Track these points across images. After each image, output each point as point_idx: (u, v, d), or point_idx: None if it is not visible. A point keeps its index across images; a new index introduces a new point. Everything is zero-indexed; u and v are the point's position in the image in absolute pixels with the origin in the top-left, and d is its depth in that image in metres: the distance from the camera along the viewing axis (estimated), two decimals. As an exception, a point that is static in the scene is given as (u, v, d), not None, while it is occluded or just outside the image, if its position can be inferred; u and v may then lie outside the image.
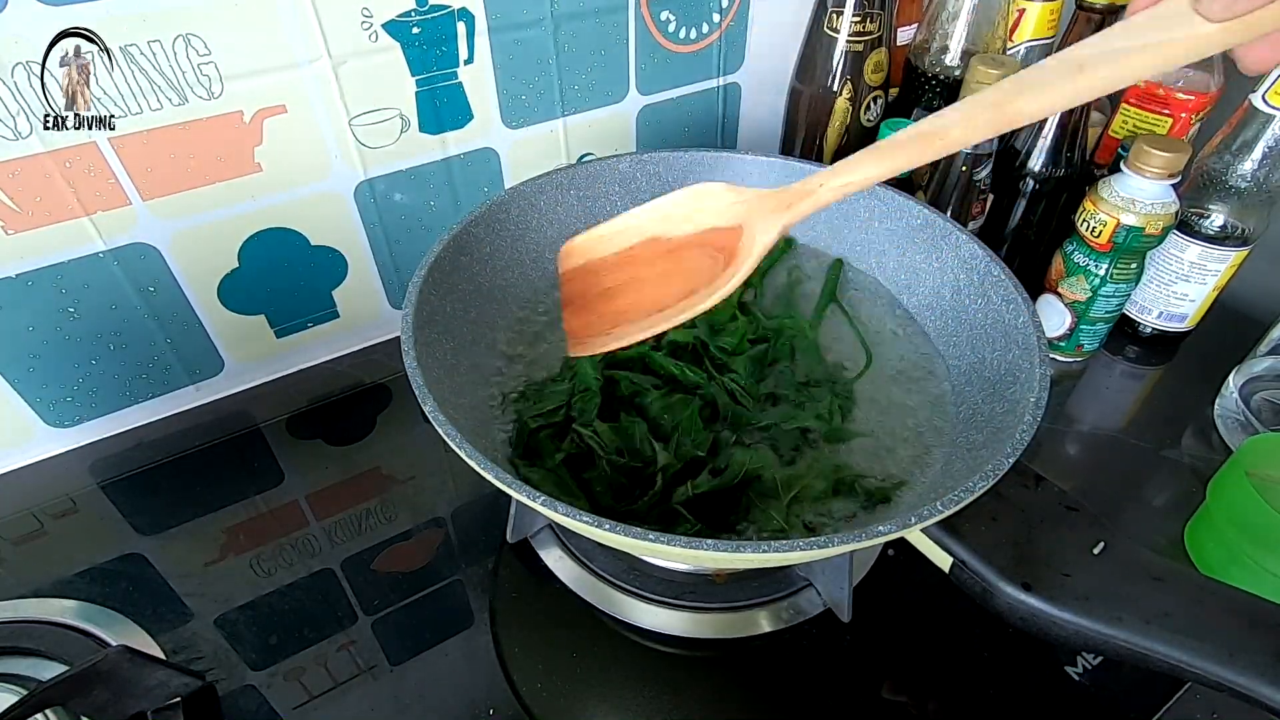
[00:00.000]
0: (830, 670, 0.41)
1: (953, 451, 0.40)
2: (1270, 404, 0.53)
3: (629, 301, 0.36)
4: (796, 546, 0.29)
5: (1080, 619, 0.32)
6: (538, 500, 0.30)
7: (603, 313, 0.37)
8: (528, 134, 0.58)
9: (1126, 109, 0.58)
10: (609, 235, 0.38)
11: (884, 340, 0.48)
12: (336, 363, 0.60)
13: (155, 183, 0.46)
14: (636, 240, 0.37)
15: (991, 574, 0.33)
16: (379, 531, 0.48)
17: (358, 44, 0.48)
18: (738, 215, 0.35)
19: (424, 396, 0.34)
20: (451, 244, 0.44)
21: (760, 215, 0.34)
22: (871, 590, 0.43)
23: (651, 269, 0.37)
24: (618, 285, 0.37)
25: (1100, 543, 0.34)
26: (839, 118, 0.61)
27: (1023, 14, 0.59)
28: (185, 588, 0.45)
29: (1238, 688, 0.29)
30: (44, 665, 0.39)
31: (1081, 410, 0.57)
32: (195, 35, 0.42)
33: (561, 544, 0.46)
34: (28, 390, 0.49)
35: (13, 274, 0.44)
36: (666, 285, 0.36)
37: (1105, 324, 0.57)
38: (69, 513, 0.49)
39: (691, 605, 0.43)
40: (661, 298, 0.35)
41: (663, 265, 0.36)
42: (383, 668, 0.41)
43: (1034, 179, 0.57)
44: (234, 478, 0.51)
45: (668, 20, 0.60)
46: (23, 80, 0.40)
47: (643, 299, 0.36)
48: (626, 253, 0.37)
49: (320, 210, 0.53)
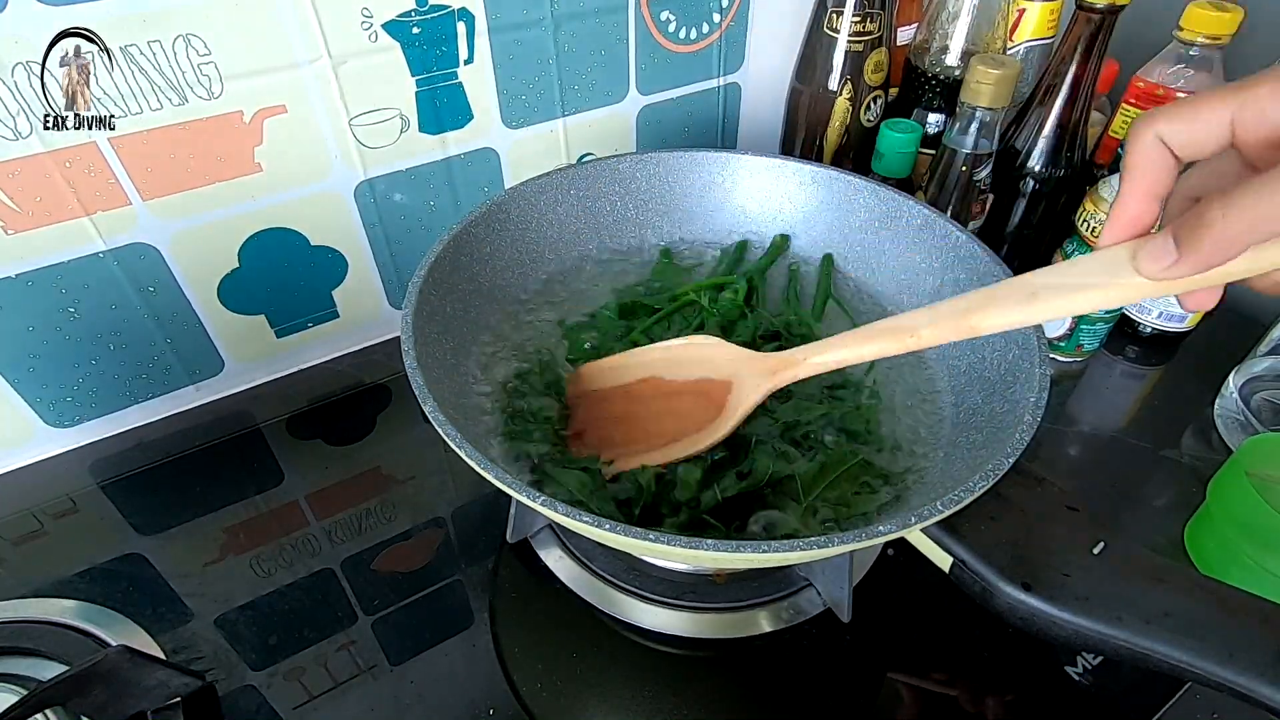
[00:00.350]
0: (830, 670, 0.41)
1: (953, 451, 0.40)
2: (1270, 404, 0.53)
3: (630, 433, 0.41)
4: (796, 546, 0.29)
5: (1080, 619, 0.32)
6: (538, 500, 0.30)
7: (610, 437, 0.41)
8: (528, 134, 0.58)
9: (1126, 109, 0.58)
10: (616, 368, 0.43)
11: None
12: (336, 363, 0.60)
13: (155, 183, 0.46)
14: (638, 377, 0.42)
15: (991, 574, 0.33)
16: (379, 531, 0.47)
17: (358, 44, 0.48)
18: (729, 372, 0.40)
19: (424, 396, 0.34)
20: (451, 244, 0.44)
21: (749, 377, 0.39)
22: (871, 590, 0.43)
23: (648, 407, 0.41)
24: (620, 415, 0.42)
25: (1100, 543, 0.34)
26: (839, 118, 0.61)
27: (1023, 14, 0.59)
28: (185, 588, 0.45)
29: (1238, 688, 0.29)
30: (44, 665, 0.39)
31: (1081, 410, 0.57)
32: (195, 35, 0.42)
33: (561, 544, 0.46)
34: (28, 390, 0.49)
35: (13, 274, 0.44)
36: (660, 423, 0.40)
37: (1105, 324, 0.57)
38: (69, 513, 0.49)
39: (691, 605, 0.43)
40: (657, 434, 0.40)
41: (659, 405, 0.41)
42: (383, 668, 0.41)
43: (1034, 179, 0.57)
44: (234, 478, 0.51)
45: (668, 20, 0.60)
46: (23, 80, 0.40)
47: (641, 432, 0.40)
48: (627, 388, 0.42)
49: (320, 210, 0.53)
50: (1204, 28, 0.51)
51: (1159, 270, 0.26)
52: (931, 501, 0.31)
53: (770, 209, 0.54)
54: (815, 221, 0.53)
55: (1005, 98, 0.49)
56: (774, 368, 0.38)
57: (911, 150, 0.55)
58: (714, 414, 0.39)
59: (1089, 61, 0.52)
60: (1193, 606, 0.31)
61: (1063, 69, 0.53)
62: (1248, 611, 0.31)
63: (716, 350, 0.41)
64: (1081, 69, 0.52)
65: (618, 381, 0.43)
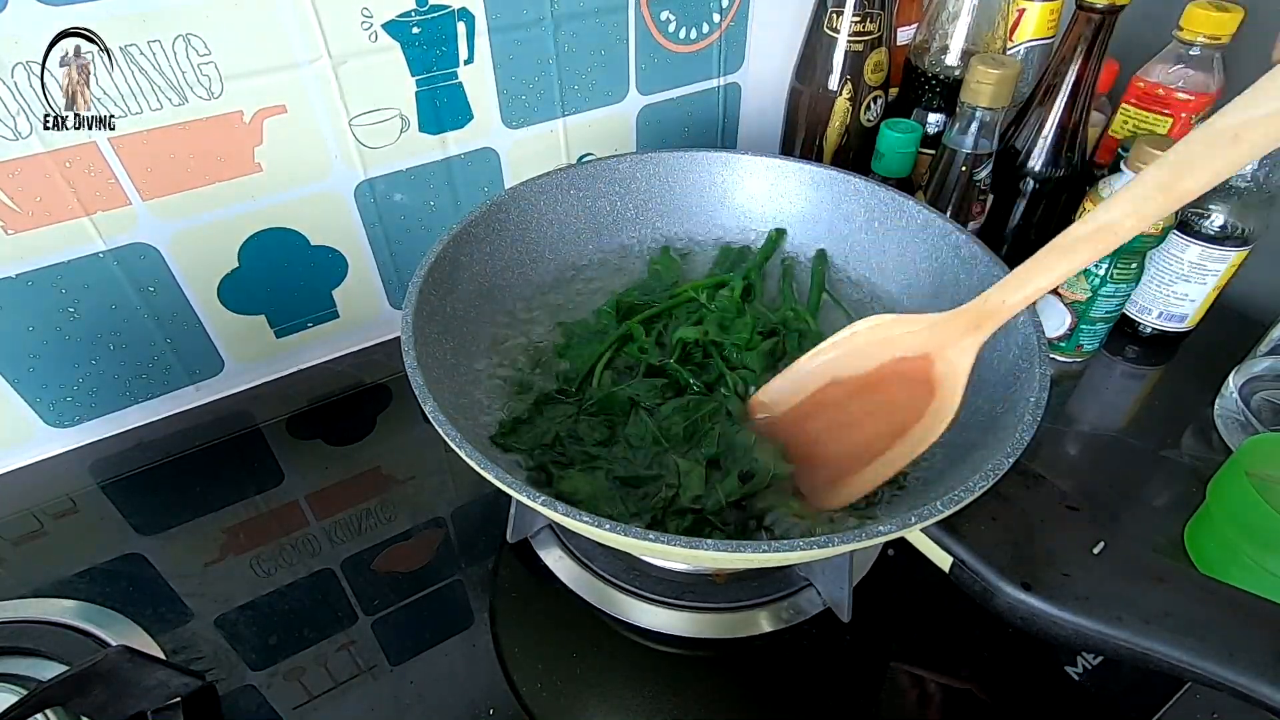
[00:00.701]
0: (830, 670, 0.41)
1: (953, 451, 0.40)
2: (1270, 404, 0.53)
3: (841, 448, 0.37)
4: (796, 546, 0.29)
5: (1080, 619, 0.32)
6: (538, 500, 0.30)
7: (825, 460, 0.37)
8: (528, 134, 0.58)
9: (1126, 109, 0.58)
10: (789, 384, 0.39)
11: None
12: (336, 363, 0.60)
13: (155, 183, 0.46)
14: (818, 385, 0.39)
15: (991, 574, 0.33)
16: (379, 531, 0.47)
17: (358, 44, 0.48)
18: (920, 344, 0.36)
19: (424, 396, 0.34)
20: (451, 244, 0.44)
21: (950, 341, 0.35)
22: (871, 590, 0.43)
23: (846, 411, 0.37)
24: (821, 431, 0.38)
25: (1100, 543, 0.34)
26: (839, 118, 0.61)
27: (1023, 14, 0.59)
28: (185, 588, 0.45)
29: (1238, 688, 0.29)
30: (44, 665, 0.39)
31: (1081, 410, 0.57)
32: (195, 35, 0.42)
33: (561, 544, 0.46)
34: (28, 390, 0.49)
35: (13, 274, 0.44)
36: (872, 424, 0.37)
37: (1105, 324, 0.57)
38: (69, 513, 0.49)
39: (691, 605, 0.43)
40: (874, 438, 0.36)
41: (857, 405, 0.37)
42: (383, 668, 0.41)
43: (1034, 179, 0.57)
44: (234, 478, 0.51)
45: (668, 20, 0.60)
46: (23, 80, 0.40)
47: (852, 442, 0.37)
48: (812, 399, 0.39)
49: (320, 210, 0.53)
50: (1204, 28, 0.51)
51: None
52: (931, 501, 0.31)
53: (770, 209, 0.54)
54: (815, 221, 0.53)
55: (1005, 98, 0.49)
56: (975, 321, 0.34)
57: (911, 150, 0.55)
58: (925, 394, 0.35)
59: (1089, 61, 0.52)
60: (1193, 606, 0.31)
61: (1063, 69, 0.53)
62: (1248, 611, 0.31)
63: (889, 327, 0.37)
64: (1081, 69, 0.52)
65: (800, 397, 0.39)
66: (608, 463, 0.40)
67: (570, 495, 0.38)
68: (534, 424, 0.41)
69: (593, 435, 0.41)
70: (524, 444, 0.40)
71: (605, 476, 0.39)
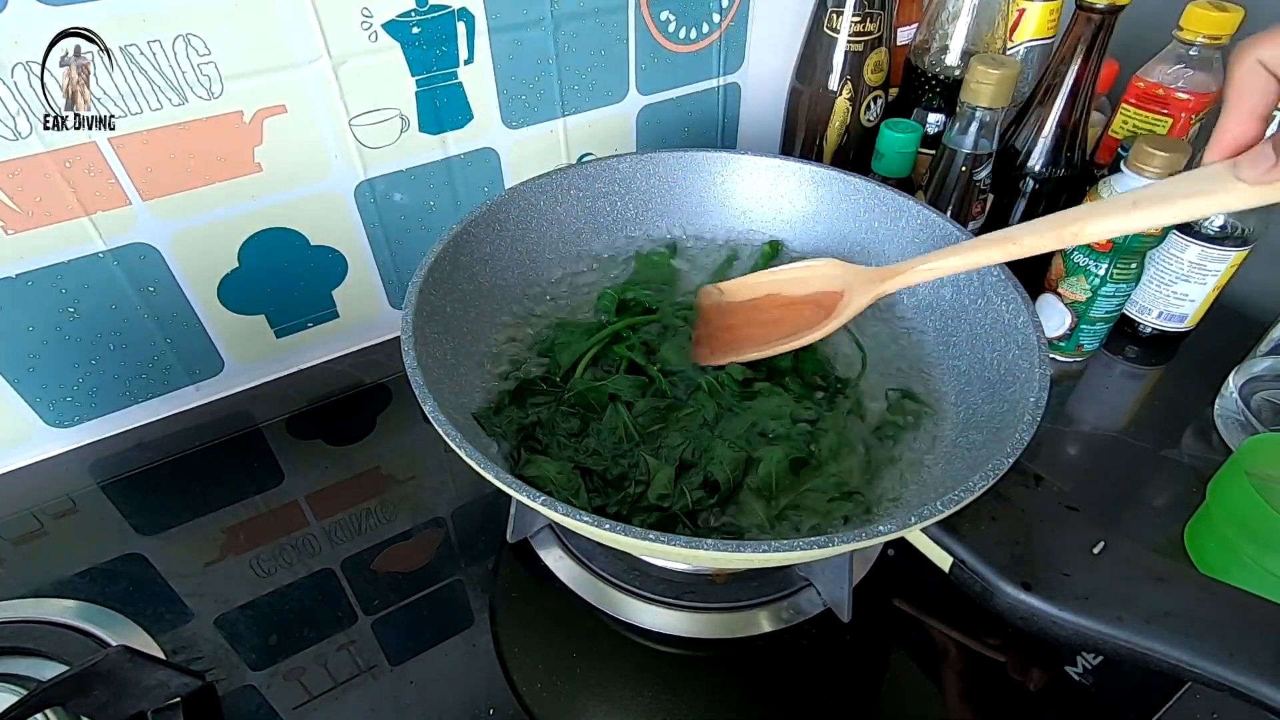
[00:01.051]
0: (830, 670, 0.41)
1: (953, 451, 0.40)
2: (1270, 404, 0.53)
3: (743, 335, 0.46)
4: (796, 546, 0.29)
5: (1080, 619, 0.32)
6: (538, 500, 0.30)
7: (722, 340, 0.46)
8: (528, 134, 0.58)
9: (1126, 109, 0.58)
10: (745, 285, 0.48)
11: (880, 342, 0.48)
12: (336, 363, 0.60)
13: (155, 183, 0.46)
14: (762, 294, 0.48)
15: (991, 574, 0.33)
16: (379, 531, 0.47)
17: (358, 44, 0.48)
18: (843, 283, 0.44)
19: (424, 396, 0.34)
20: (451, 244, 0.44)
21: (860, 284, 0.43)
22: (871, 590, 0.43)
23: (766, 315, 0.47)
24: (738, 324, 0.47)
25: (1100, 543, 0.34)
26: (839, 118, 0.61)
27: (1023, 14, 0.59)
28: (185, 588, 0.45)
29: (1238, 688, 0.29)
30: (44, 665, 0.39)
31: (1081, 410, 0.57)
32: (195, 35, 0.42)
33: (561, 544, 0.46)
34: (28, 390, 0.49)
35: (13, 274, 0.44)
36: (776, 328, 0.45)
37: (1105, 324, 0.57)
38: (69, 513, 0.49)
39: (691, 605, 0.43)
40: (769, 335, 0.45)
41: (776, 314, 0.46)
42: (383, 668, 0.41)
43: (1034, 179, 0.57)
44: (234, 478, 0.51)
45: (668, 20, 0.60)
46: (23, 80, 0.40)
47: (755, 335, 0.46)
48: (751, 302, 0.48)
49: (320, 210, 0.53)
50: (1204, 28, 0.51)
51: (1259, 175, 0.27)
52: (931, 501, 0.31)
53: (770, 209, 0.54)
54: (815, 222, 0.53)
55: (1005, 98, 0.49)
56: (884, 275, 0.42)
57: (911, 150, 0.55)
58: (823, 315, 0.44)
59: (1089, 61, 0.52)
60: (1193, 606, 0.31)
61: (1063, 69, 0.53)
62: (1248, 611, 0.31)
63: (834, 268, 0.45)
64: (1081, 69, 0.52)
65: (744, 297, 0.48)
66: (577, 453, 0.40)
67: (535, 480, 0.38)
68: (515, 409, 0.42)
69: (566, 425, 0.42)
70: (503, 427, 0.41)
71: (572, 467, 0.39)
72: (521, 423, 0.42)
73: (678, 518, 0.37)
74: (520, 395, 0.43)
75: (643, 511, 0.38)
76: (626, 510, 0.38)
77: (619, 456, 0.40)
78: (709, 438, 0.41)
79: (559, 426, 0.42)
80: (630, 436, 0.41)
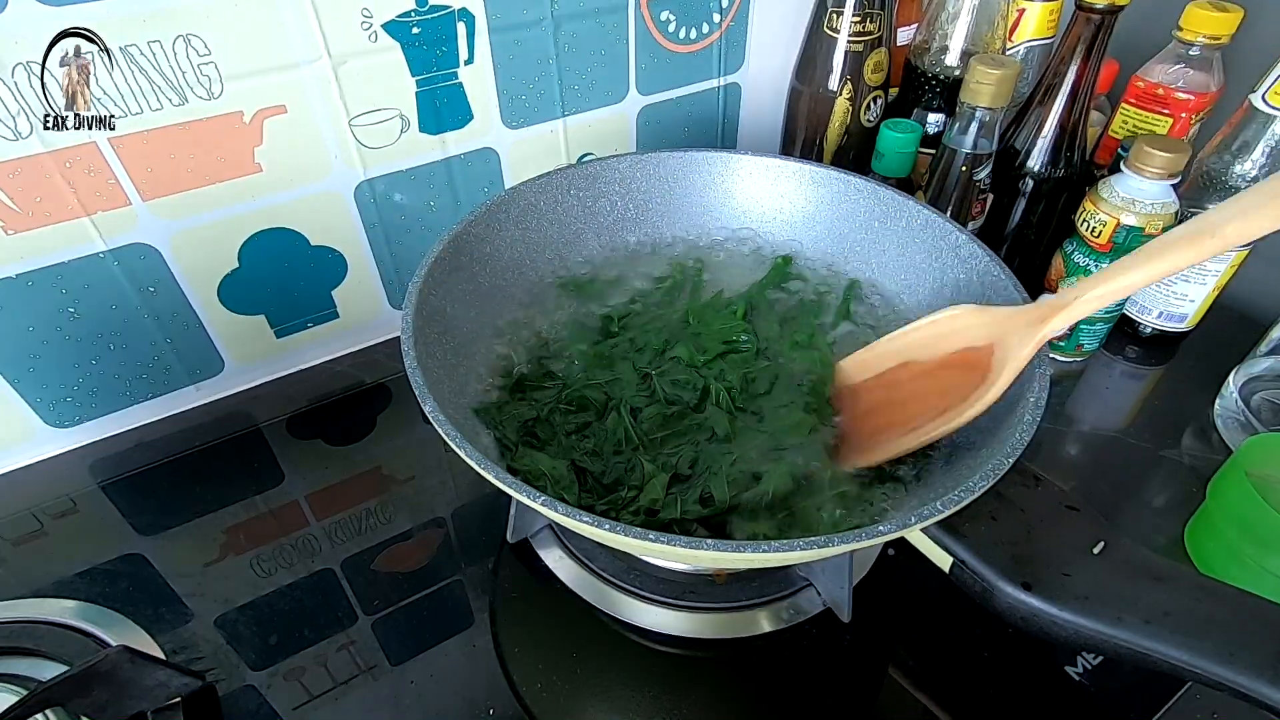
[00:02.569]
0: (830, 670, 0.41)
1: (953, 451, 0.40)
2: (1270, 404, 0.53)
3: (886, 420, 0.39)
4: (796, 546, 0.29)
5: (1080, 619, 0.32)
6: (538, 500, 0.30)
7: (862, 430, 0.40)
8: (528, 134, 0.58)
9: (1126, 109, 0.58)
10: (868, 360, 0.42)
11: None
12: (336, 363, 0.60)
13: (155, 183, 0.46)
14: (893, 364, 0.41)
15: (991, 574, 0.33)
16: (379, 531, 0.48)
17: (358, 44, 0.48)
18: (989, 335, 0.37)
19: (424, 396, 0.34)
20: (451, 244, 0.44)
21: (1014, 331, 0.36)
22: (871, 590, 0.43)
23: (904, 390, 0.40)
24: (876, 405, 0.41)
25: (1100, 543, 0.34)
26: (839, 118, 0.61)
27: (1023, 14, 0.59)
28: (185, 588, 0.45)
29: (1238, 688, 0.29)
30: (44, 665, 0.39)
31: (1081, 410, 0.57)
32: (195, 35, 0.42)
33: (561, 544, 0.46)
34: (28, 390, 0.49)
35: (13, 274, 0.44)
36: (922, 403, 0.38)
37: (1105, 324, 0.57)
38: (69, 513, 0.49)
39: (691, 605, 0.43)
40: (916, 415, 0.38)
41: (916, 386, 0.39)
42: (383, 668, 0.41)
43: (1034, 179, 0.57)
44: (234, 478, 0.51)
45: (668, 20, 0.60)
46: (23, 80, 0.40)
47: (898, 418, 0.39)
48: (881, 377, 0.41)
49: (320, 210, 0.53)
50: (1204, 28, 0.51)
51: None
52: (931, 501, 0.31)
53: (770, 209, 0.54)
54: (815, 221, 0.53)
55: (1005, 98, 0.49)
56: (1042, 315, 0.35)
57: (911, 150, 0.55)
58: (979, 379, 0.36)
59: (1089, 61, 0.52)
60: (1193, 606, 0.31)
61: (1063, 69, 0.53)
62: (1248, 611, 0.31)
63: (971, 317, 0.38)
64: (1081, 69, 0.52)
65: (873, 373, 0.42)
66: (576, 451, 0.40)
67: (527, 473, 0.38)
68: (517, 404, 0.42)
69: (566, 423, 0.42)
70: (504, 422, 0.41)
71: (568, 464, 0.39)
72: (523, 418, 0.42)
73: (669, 526, 0.37)
74: (522, 390, 0.43)
75: (632, 515, 0.37)
76: (615, 513, 0.37)
77: (617, 459, 0.40)
78: (715, 452, 0.40)
79: (559, 424, 0.42)
80: (630, 440, 0.41)
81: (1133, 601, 0.31)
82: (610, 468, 0.40)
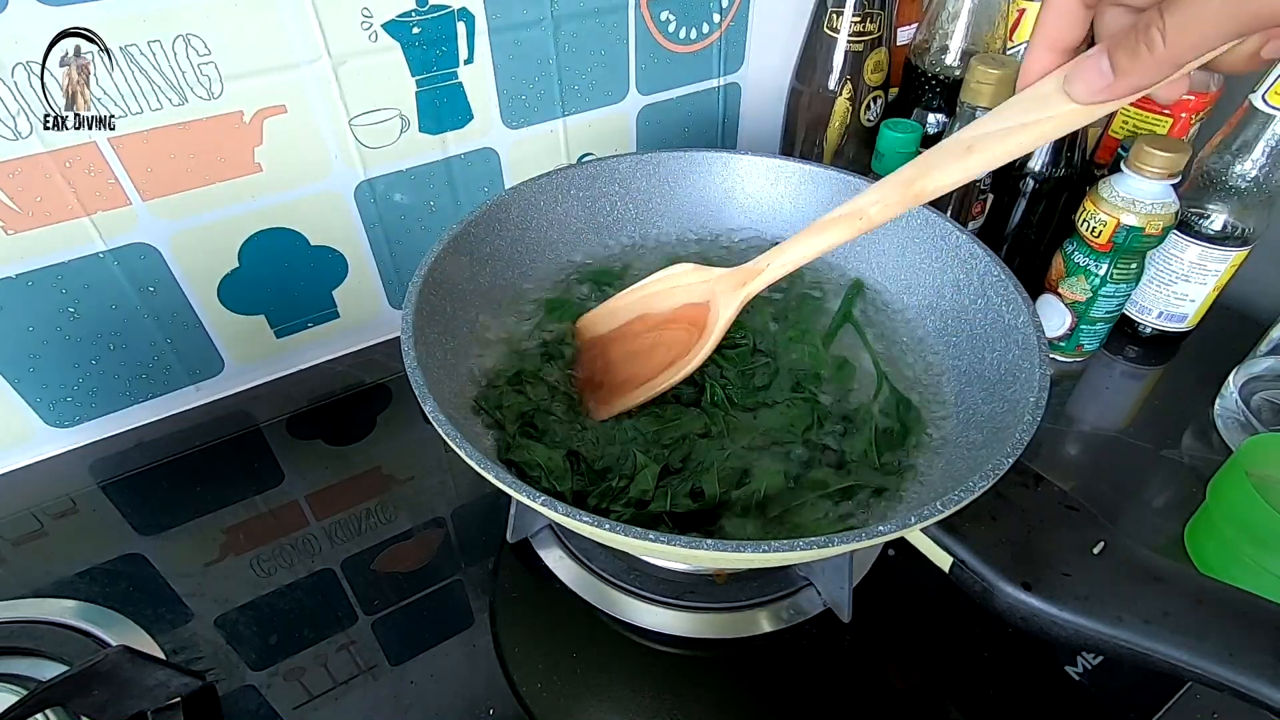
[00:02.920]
0: (830, 670, 0.41)
1: (953, 451, 0.40)
2: (1270, 404, 0.53)
3: (625, 374, 0.43)
4: (796, 546, 0.29)
5: (1080, 619, 0.32)
6: (538, 500, 0.30)
7: (611, 385, 0.43)
8: (528, 134, 0.58)
9: (1126, 109, 0.58)
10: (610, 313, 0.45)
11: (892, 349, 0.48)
12: (336, 363, 0.60)
13: (155, 183, 0.46)
14: (630, 317, 0.44)
15: (991, 574, 0.33)
16: (379, 531, 0.48)
17: (358, 44, 0.48)
18: (706, 292, 0.41)
19: (424, 396, 0.34)
20: (451, 244, 0.44)
21: (724, 291, 0.40)
22: (871, 590, 0.43)
23: (641, 342, 0.43)
24: (616, 360, 0.44)
25: (1100, 543, 0.34)
26: (839, 118, 0.61)
27: (1023, 14, 0.59)
28: (185, 588, 0.45)
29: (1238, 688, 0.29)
30: (44, 665, 0.39)
31: (1081, 410, 0.57)
32: (195, 35, 0.42)
33: (561, 544, 0.46)
34: (28, 390, 0.49)
35: (13, 274, 0.44)
36: (653, 357, 0.42)
37: (1105, 324, 0.57)
38: (69, 513, 0.49)
39: (691, 605, 0.43)
40: (650, 369, 0.42)
41: (649, 339, 0.43)
42: (383, 668, 0.41)
43: (1034, 179, 0.57)
44: (234, 478, 0.51)
45: (668, 20, 0.60)
46: (23, 80, 0.40)
47: (635, 372, 0.42)
48: (622, 329, 0.44)
49: (320, 210, 0.53)
50: (1204, 28, 0.51)
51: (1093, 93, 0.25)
52: (931, 501, 0.31)
53: (770, 209, 0.54)
54: (814, 222, 0.53)
55: (1005, 97, 0.49)
56: (742, 279, 0.40)
57: (911, 150, 0.55)
58: (697, 335, 0.41)
59: (1089, 61, 0.52)
60: (1193, 606, 0.31)
61: (1063, 69, 0.53)
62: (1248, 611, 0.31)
63: (692, 275, 0.42)
64: (1081, 69, 0.52)
65: (613, 325, 0.44)
66: (570, 438, 0.40)
67: (522, 464, 0.39)
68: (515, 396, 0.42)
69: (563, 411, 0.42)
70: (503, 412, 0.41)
71: (564, 453, 0.39)
72: (521, 409, 0.42)
73: (660, 517, 0.37)
74: (520, 383, 0.43)
75: (622, 505, 0.37)
76: (606, 503, 0.38)
77: (610, 447, 0.40)
78: (707, 446, 0.40)
79: (557, 413, 0.42)
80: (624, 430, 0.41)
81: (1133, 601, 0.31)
82: (603, 455, 0.40)
